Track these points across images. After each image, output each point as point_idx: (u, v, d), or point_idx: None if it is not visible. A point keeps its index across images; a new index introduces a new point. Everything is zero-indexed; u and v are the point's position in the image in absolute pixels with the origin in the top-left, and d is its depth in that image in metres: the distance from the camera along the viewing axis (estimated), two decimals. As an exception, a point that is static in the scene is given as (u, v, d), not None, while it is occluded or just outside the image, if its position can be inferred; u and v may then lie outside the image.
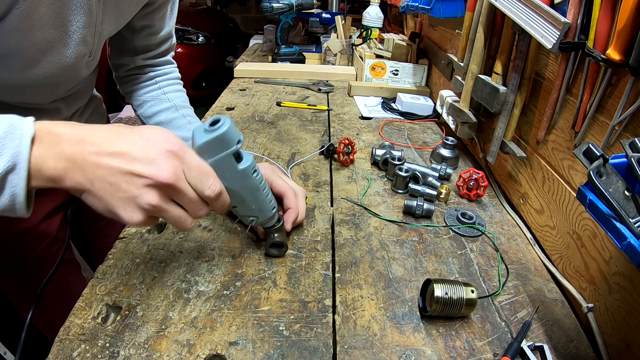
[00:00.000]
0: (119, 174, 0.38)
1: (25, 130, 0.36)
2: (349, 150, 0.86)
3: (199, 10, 4.20)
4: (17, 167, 0.36)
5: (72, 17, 0.50)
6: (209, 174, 0.43)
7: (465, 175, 0.76)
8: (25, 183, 0.36)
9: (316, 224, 0.68)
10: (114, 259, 0.58)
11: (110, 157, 0.38)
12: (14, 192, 0.36)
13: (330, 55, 1.64)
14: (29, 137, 0.36)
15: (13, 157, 0.35)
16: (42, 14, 0.46)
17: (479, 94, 0.79)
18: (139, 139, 0.40)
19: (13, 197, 0.37)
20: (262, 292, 0.54)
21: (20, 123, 0.37)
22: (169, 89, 0.78)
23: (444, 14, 1.00)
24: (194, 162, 0.41)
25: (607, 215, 0.34)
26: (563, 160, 0.61)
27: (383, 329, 0.50)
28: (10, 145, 0.35)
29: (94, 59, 0.62)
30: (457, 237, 0.67)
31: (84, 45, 0.55)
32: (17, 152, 0.36)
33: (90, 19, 0.53)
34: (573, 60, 0.56)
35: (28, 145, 0.36)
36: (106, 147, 0.39)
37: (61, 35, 0.51)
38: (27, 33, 0.46)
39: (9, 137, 0.36)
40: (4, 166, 0.35)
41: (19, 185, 0.36)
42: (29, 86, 0.54)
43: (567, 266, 0.59)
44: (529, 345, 0.48)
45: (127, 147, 0.39)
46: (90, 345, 0.45)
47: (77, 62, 0.56)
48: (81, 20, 0.51)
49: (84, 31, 0.53)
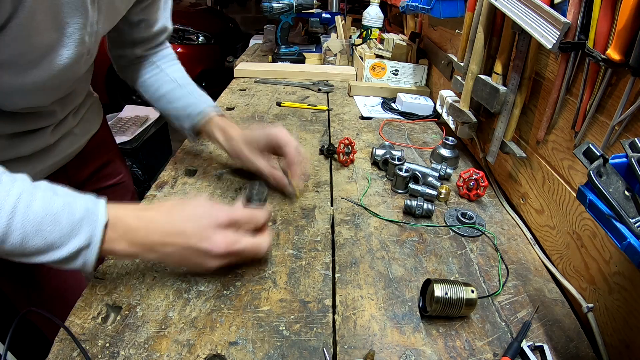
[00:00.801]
0: (183, 249, 0.48)
1: (100, 217, 0.45)
2: (349, 150, 0.86)
3: (199, 10, 4.20)
4: (91, 245, 0.44)
5: (69, 19, 0.51)
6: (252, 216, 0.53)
7: (465, 175, 0.76)
8: (96, 257, 0.45)
9: (316, 224, 0.68)
10: (114, 259, 0.57)
11: (173, 237, 0.48)
12: (85, 262, 0.45)
13: (330, 55, 1.64)
14: (103, 223, 0.45)
15: (88, 239, 0.44)
16: (40, 20, 0.47)
17: (479, 94, 0.79)
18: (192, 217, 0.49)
19: (84, 264, 0.45)
20: (262, 292, 0.54)
21: (95, 208, 0.45)
22: (170, 69, 0.81)
23: (444, 14, 1.00)
24: (240, 218, 0.52)
25: (607, 215, 0.34)
26: (563, 160, 0.61)
27: (383, 329, 0.50)
28: (87, 228, 0.44)
29: (91, 57, 0.63)
30: (457, 237, 0.67)
31: (82, 45, 0.56)
32: (92, 235, 0.44)
33: (86, 20, 0.54)
34: (573, 60, 0.56)
35: (101, 230, 0.44)
36: (167, 229, 0.48)
37: (60, 37, 0.51)
38: (27, 40, 0.47)
39: (85, 220, 0.44)
40: (80, 244, 0.43)
41: (90, 259, 0.45)
42: (30, 89, 0.55)
43: (567, 266, 0.59)
44: (529, 345, 0.48)
45: (183, 225, 0.48)
46: (90, 345, 0.45)
47: (77, 61, 0.57)
48: (78, 22, 0.52)
49: (82, 32, 0.54)
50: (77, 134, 0.74)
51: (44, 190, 0.43)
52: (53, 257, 0.43)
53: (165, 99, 0.78)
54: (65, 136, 0.71)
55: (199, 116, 0.76)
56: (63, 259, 0.43)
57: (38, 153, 0.65)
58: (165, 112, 0.80)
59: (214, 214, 0.50)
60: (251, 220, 0.53)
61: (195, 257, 0.49)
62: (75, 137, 0.74)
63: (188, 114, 0.76)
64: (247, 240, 0.51)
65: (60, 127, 0.68)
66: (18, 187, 0.41)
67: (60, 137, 0.69)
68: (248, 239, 0.52)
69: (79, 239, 0.43)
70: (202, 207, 0.50)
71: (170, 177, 0.79)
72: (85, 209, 0.44)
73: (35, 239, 0.41)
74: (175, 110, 0.78)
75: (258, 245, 0.52)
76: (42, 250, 0.42)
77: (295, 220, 0.68)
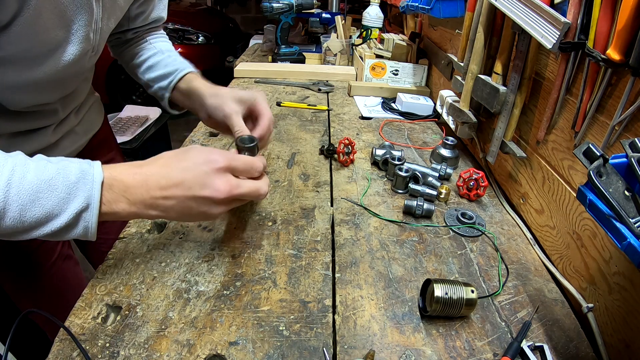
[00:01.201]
0: (185, 200, 0.46)
1: (96, 176, 0.43)
2: (349, 150, 0.86)
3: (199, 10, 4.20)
4: (90, 207, 0.43)
5: (75, 16, 0.52)
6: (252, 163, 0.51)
7: (465, 175, 0.76)
8: (97, 219, 0.44)
9: (316, 224, 0.68)
10: (114, 259, 0.58)
11: (173, 189, 0.46)
12: (86, 226, 0.44)
13: (330, 55, 1.64)
14: (99, 182, 0.43)
15: (86, 199, 0.42)
16: (46, 19, 0.48)
17: (479, 94, 0.79)
18: (190, 166, 0.47)
19: (86, 230, 0.44)
20: (262, 292, 0.54)
21: (90, 169, 0.43)
22: (155, 41, 0.81)
23: (444, 14, 1.00)
24: (239, 165, 0.49)
25: (607, 215, 0.34)
26: (563, 160, 0.61)
27: (383, 329, 0.50)
28: (84, 189, 0.42)
29: (96, 54, 0.64)
30: (457, 237, 0.67)
31: (87, 42, 0.57)
32: (89, 195, 0.42)
33: (91, 17, 0.54)
34: (573, 60, 0.56)
35: (99, 189, 0.43)
36: (165, 182, 0.46)
37: (65, 35, 0.52)
38: (33, 37, 0.48)
39: (81, 181, 0.42)
40: (78, 206, 0.42)
41: (92, 221, 0.43)
42: (36, 85, 0.56)
43: (567, 266, 0.59)
44: (529, 345, 0.48)
45: (182, 175, 0.46)
46: (90, 345, 0.45)
47: (82, 57, 0.58)
48: (83, 19, 0.53)
49: (87, 29, 0.55)
50: (79, 133, 0.75)
51: (38, 161, 0.42)
52: (54, 225, 0.42)
53: (147, 66, 0.77)
54: (67, 135, 0.71)
55: (179, 73, 0.74)
56: (64, 226, 0.42)
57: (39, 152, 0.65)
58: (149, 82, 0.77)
59: (212, 159, 0.47)
60: (250, 167, 0.51)
61: (198, 206, 0.47)
62: (77, 135, 0.74)
63: (168, 72, 0.75)
64: (248, 183, 0.49)
65: (61, 126, 0.69)
66: (11, 162, 0.40)
67: (62, 136, 0.69)
68: (249, 182, 0.50)
69: (77, 201, 0.42)
70: (199, 154, 0.48)
71: (170, 177, 0.78)
72: (80, 170, 0.43)
73: (34, 209, 0.40)
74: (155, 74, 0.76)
75: (258, 188, 0.50)
76: (42, 221, 0.41)
77: (295, 220, 0.68)
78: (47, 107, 0.63)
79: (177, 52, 0.81)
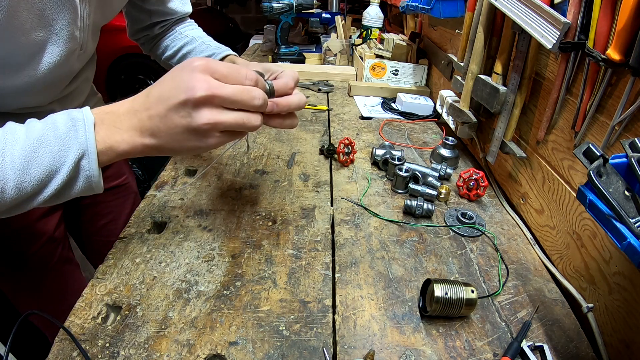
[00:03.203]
0: (169, 112, 0.41)
1: (87, 120, 0.41)
2: (349, 150, 0.86)
3: (199, 10, 4.20)
4: (87, 153, 0.40)
5: (56, 15, 0.50)
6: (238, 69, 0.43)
7: (465, 175, 0.76)
8: (97, 164, 0.41)
9: (316, 224, 0.68)
10: (114, 259, 0.58)
11: (155, 104, 0.41)
12: (88, 175, 0.41)
13: (330, 55, 1.64)
14: (91, 124, 0.41)
15: (81, 145, 0.40)
16: (24, 19, 0.46)
17: (479, 94, 0.79)
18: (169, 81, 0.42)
19: (89, 179, 0.42)
20: (262, 292, 0.54)
21: (79, 114, 0.41)
22: (185, 30, 0.80)
23: (444, 14, 1.00)
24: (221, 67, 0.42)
25: (607, 215, 0.34)
26: (563, 160, 0.61)
27: (383, 329, 0.50)
28: (76, 136, 0.40)
29: (86, 52, 0.62)
30: (457, 237, 0.67)
31: (73, 40, 0.55)
32: (83, 140, 0.40)
33: (74, 14, 0.52)
34: (573, 60, 0.56)
35: (92, 132, 0.40)
36: (148, 100, 0.42)
37: (48, 35, 0.50)
38: (11, 40, 0.46)
39: (72, 130, 0.40)
40: (75, 155, 0.40)
41: (92, 168, 0.41)
42: (22, 89, 0.54)
43: (567, 266, 0.59)
44: (529, 345, 0.48)
45: (161, 91, 0.41)
46: (90, 345, 0.45)
47: (69, 57, 0.56)
48: (66, 17, 0.51)
49: (71, 27, 0.53)
50: None
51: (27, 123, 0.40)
52: (56, 182, 0.40)
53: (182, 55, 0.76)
54: None
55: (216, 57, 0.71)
56: (66, 180, 0.40)
57: None
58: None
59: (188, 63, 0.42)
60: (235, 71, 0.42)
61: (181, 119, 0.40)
62: None
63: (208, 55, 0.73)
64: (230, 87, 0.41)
65: None
66: (1, 133, 0.39)
67: None
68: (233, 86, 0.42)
69: (73, 150, 0.40)
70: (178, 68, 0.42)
71: (170, 177, 0.79)
72: (70, 119, 0.41)
73: (32, 170, 0.38)
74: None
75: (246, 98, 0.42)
76: (43, 181, 0.39)
77: (295, 220, 0.68)
78: (43, 108, 0.62)
79: (211, 38, 0.79)
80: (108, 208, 0.90)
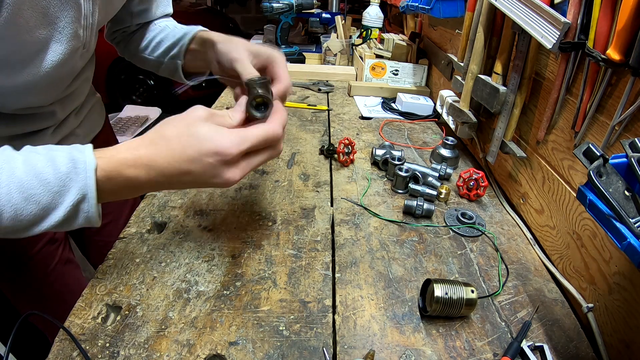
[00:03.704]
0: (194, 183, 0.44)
1: (88, 164, 0.40)
2: (349, 150, 0.86)
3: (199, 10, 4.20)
4: (87, 197, 0.40)
5: (60, 13, 0.49)
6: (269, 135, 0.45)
7: (465, 175, 0.76)
8: (97, 208, 0.41)
9: (316, 224, 0.68)
10: (114, 259, 0.58)
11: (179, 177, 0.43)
12: (87, 216, 0.41)
13: (330, 55, 1.64)
14: (92, 169, 0.40)
15: (81, 190, 0.40)
16: (28, 17, 0.46)
17: (479, 94, 0.79)
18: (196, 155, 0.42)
19: (87, 219, 0.41)
20: (262, 292, 0.54)
21: (80, 156, 0.40)
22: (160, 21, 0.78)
23: (444, 14, 1.00)
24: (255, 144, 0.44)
25: (607, 215, 0.34)
26: (563, 160, 0.61)
27: (383, 329, 0.50)
28: (76, 179, 0.40)
29: (88, 51, 0.62)
30: (457, 237, 0.67)
31: (76, 39, 0.54)
32: (84, 185, 0.40)
33: (78, 13, 0.52)
34: (573, 60, 0.56)
35: (93, 177, 0.40)
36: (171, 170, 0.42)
37: (51, 33, 0.50)
38: (15, 38, 0.46)
39: (73, 171, 0.39)
40: (74, 199, 0.39)
41: (91, 211, 0.41)
42: (25, 88, 0.54)
43: (567, 266, 0.59)
44: (529, 345, 0.48)
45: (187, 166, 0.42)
46: (90, 345, 0.45)
47: (72, 56, 0.56)
48: (69, 15, 0.51)
49: (75, 25, 0.52)
50: (79, 135, 0.73)
51: (26, 154, 0.40)
52: (53, 220, 0.40)
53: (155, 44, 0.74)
54: (67, 137, 0.70)
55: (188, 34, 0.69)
56: (64, 218, 0.40)
57: None
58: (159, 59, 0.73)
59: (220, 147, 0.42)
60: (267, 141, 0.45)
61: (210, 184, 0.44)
62: (77, 138, 0.73)
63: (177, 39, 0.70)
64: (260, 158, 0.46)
65: (61, 128, 0.68)
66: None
67: (62, 138, 0.68)
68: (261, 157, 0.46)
69: (72, 193, 0.39)
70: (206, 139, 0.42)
71: (170, 177, 0.78)
72: (70, 159, 0.40)
73: (29, 206, 0.38)
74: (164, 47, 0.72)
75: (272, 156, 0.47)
76: (39, 216, 0.39)
77: (295, 220, 0.68)
78: (43, 109, 0.62)
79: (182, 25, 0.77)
80: (108, 209, 0.90)
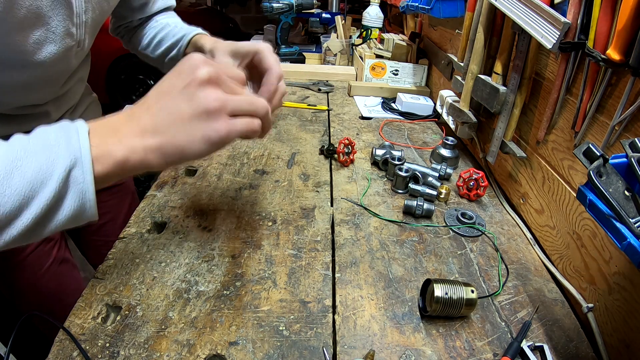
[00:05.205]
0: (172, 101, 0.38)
1: (80, 127, 0.35)
2: (349, 150, 0.86)
3: (199, 10, 4.20)
4: (79, 161, 0.34)
5: (52, 13, 0.50)
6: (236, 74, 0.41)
7: (465, 175, 0.76)
8: (92, 175, 0.34)
9: (316, 224, 0.68)
10: (114, 259, 0.58)
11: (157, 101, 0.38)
12: (81, 189, 0.34)
13: (330, 55, 1.64)
14: (85, 131, 0.35)
15: (73, 152, 0.34)
16: (21, 16, 0.46)
17: (479, 94, 0.79)
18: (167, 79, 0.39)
19: (82, 195, 0.34)
20: (262, 292, 0.54)
21: (71, 124, 0.36)
22: (161, 17, 0.78)
23: (444, 14, 1.00)
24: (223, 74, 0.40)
25: (607, 215, 0.34)
26: (563, 160, 0.61)
27: (383, 329, 0.50)
28: (68, 143, 0.34)
29: (83, 49, 0.62)
30: (457, 237, 0.67)
31: (70, 37, 0.54)
32: (76, 147, 0.34)
33: (71, 11, 0.52)
34: (573, 60, 0.56)
35: (86, 138, 0.34)
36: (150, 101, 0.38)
37: (44, 33, 0.50)
38: (7, 38, 0.46)
39: (63, 137, 0.34)
40: (66, 164, 0.33)
41: (86, 180, 0.34)
42: (23, 86, 0.54)
43: (567, 266, 0.59)
44: (529, 345, 0.48)
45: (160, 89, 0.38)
46: (90, 345, 0.45)
47: (66, 54, 0.56)
48: (61, 14, 0.51)
49: (67, 24, 0.52)
50: None
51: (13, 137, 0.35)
52: (44, 196, 0.33)
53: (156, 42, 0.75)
54: None
55: (186, 37, 0.70)
56: (56, 193, 0.33)
57: None
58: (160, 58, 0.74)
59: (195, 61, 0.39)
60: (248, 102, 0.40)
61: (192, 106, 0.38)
62: None
63: (176, 40, 0.71)
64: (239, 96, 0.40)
65: None
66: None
67: None
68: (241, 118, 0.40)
69: (63, 158, 0.33)
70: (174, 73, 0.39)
71: (170, 177, 0.79)
72: (60, 128, 0.35)
73: (13, 182, 0.32)
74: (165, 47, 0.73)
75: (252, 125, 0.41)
76: (29, 196, 0.32)
77: (295, 220, 0.68)
78: (37, 109, 0.62)
79: (183, 22, 0.77)
80: (106, 208, 0.90)
